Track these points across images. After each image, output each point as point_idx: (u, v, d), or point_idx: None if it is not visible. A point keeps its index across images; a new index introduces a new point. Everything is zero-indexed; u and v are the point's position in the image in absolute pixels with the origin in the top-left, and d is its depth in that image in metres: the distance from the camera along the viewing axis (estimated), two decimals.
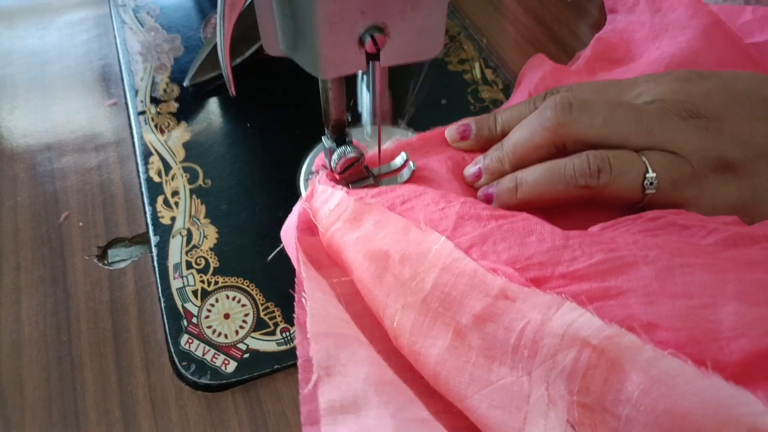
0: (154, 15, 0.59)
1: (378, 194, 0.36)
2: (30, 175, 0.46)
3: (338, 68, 0.31)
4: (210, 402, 0.35)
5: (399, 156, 0.41)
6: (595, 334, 0.26)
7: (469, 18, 0.60)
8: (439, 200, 0.34)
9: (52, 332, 0.37)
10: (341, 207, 0.35)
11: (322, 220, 0.36)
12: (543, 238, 0.31)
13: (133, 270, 0.40)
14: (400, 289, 0.31)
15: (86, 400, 0.35)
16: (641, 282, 0.28)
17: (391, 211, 0.34)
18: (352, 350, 0.30)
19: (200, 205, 0.43)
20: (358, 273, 0.33)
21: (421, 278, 0.31)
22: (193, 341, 0.36)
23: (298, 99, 0.51)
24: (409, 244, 0.32)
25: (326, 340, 0.29)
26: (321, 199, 0.37)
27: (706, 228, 0.33)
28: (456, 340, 0.30)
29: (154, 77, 0.52)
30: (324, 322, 0.30)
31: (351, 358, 0.29)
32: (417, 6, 0.29)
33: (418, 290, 0.31)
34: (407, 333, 0.31)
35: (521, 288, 0.29)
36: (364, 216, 0.34)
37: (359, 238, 0.33)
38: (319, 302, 0.32)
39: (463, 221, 0.33)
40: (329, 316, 0.31)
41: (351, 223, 0.34)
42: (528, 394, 0.27)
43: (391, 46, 0.30)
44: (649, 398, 0.24)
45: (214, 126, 0.49)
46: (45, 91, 0.52)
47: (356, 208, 0.35)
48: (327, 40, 0.29)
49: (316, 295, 0.32)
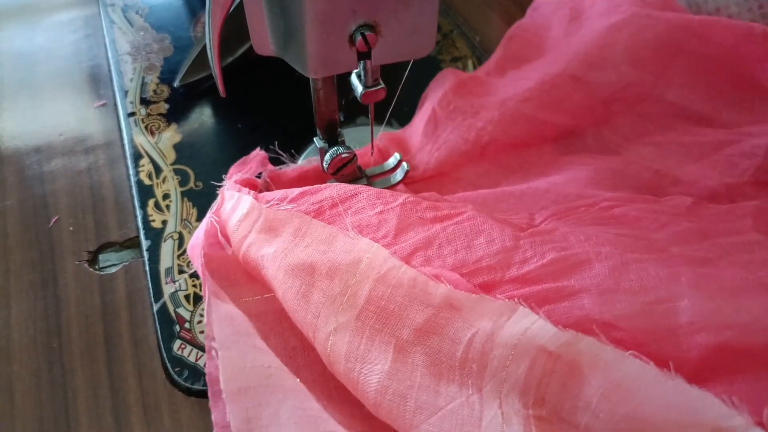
0: (143, 14, 0.58)
1: (301, 197, 0.32)
2: (19, 178, 0.45)
3: (329, 67, 0.30)
4: (203, 408, 0.34)
5: (392, 156, 0.41)
6: (553, 341, 0.24)
7: (462, 15, 0.60)
8: (375, 202, 0.31)
9: (43, 337, 0.37)
10: (252, 216, 0.32)
11: (233, 233, 0.32)
12: (492, 239, 0.29)
13: (125, 274, 0.40)
14: (330, 307, 0.28)
15: (78, 406, 0.34)
16: (595, 280, 0.27)
17: (319, 216, 0.31)
18: (275, 407, 0.26)
19: (192, 208, 0.43)
20: (282, 293, 0.30)
21: (353, 292, 0.28)
22: (186, 346, 0.36)
23: (289, 99, 0.50)
24: (336, 254, 0.29)
25: (244, 398, 0.26)
26: (229, 206, 0.34)
27: (658, 221, 0.33)
28: (398, 360, 0.27)
29: (144, 78, 0.52)
30: (240, 376, 0.27)
31: (274, 419, 0.26)
32: (409, 4, 0.29)
33: (351, 306, 0.28)
34: (342, 359, 0.28)
35: (468, 295, 0.27)
36: (281, 225, 0.31)
37: (277, 251, 0.30)
38: (232, 348, 0.28)
39: (405, 225, 0.30)
40: (245, 366, 0.28)
41: (266, 234, 0.31)
42: (480, 416, 0.25)
43: (382, 44, 0.30)
44: (609, 403, 0.23)
45: (205, 127, 0.48)
46: (33, 92, 0.52)
47: (269, 216, 0.32)
48: (318, 39, 0.28)
49: (227, 336, 0.28)
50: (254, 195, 0.33)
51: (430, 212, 0.31)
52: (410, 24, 0.30)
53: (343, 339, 0.28)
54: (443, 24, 0.58)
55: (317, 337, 0.29)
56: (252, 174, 0.39)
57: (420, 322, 0.27)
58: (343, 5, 0.28)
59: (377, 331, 0.27)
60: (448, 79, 0.46)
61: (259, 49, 0.32)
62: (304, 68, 0.30)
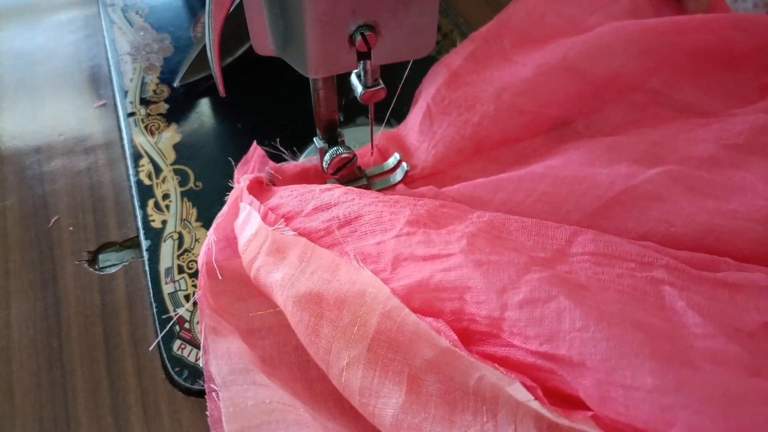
0: (143, 14, 0.58)
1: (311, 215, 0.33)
2: (19, 178, 0.45)
3: (329, 67, 0.30)
4: (203, 408, 0.34)
5: (392, 157, 0.41)
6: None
7: (462, 15, 0.60)
8: (375, 228, 0.31)
9: (43, 337, 0.37)
10: (260, 236, 0.32)
11: (243, 251, 0.33)
12: (479, 302, 0.28)
13: (124, 274, 0.40)
14: (342, 340, 0.28)
15: (77, 406, 0.34)
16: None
17: (328, 235, 0.32)
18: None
19: (191, 208, 0.43)
20: (294, 325, 0.30)
21: (363, 321, 0.28)
22: (186, 346, 0.36)
23: (289, 99, 0.50)
24: (342, 283, 0.29)
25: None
26: (241, 219, 0.34)
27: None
28: (412, 392, 0.27)
29: (144, 78, 0.52)
30: (242, 415, 0.27)
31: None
32: (409, 4, 0.29)
33: (362, 336, 0.28)
34: (357, 394, 0.28)
35: (468, 358, 0.26)
36: (287, 248, 0.31)
37: (284, 278, 0.30)
38: (231, 387, 0.28)
39: (399, 260, 0.30)
40: (246, 405, 0.27)
41: (273, 257, 0.31)
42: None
43: (382, 44, 0.30)
44: None
45: (205, 127, 0.48)
46: (33, 92, 0.52)
47: (276, 238, 0.32)
48: (317, 39, 0.28)
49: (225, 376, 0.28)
50: (263, 211, 0.33)
51: (421, 248, 0.31)
52: (410, 24, 0.30)
53: (356, 374, 0.28)
54: (443, 24, 0.58)
55: (330, 372, 0.29)
56: (255, 171, 0.39)
57: (430, 356, 0.27)
58: (343, 5, 0.28)
59: (390, 360, 0.28)
60: (440, 73, 0.45)
61: (259, 49, 0.32)
62: (304, 68, 0.30)
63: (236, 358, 0.30)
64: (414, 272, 0.29)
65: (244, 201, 0.35)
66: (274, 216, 0.33)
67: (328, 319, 0.29)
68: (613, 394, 0.24)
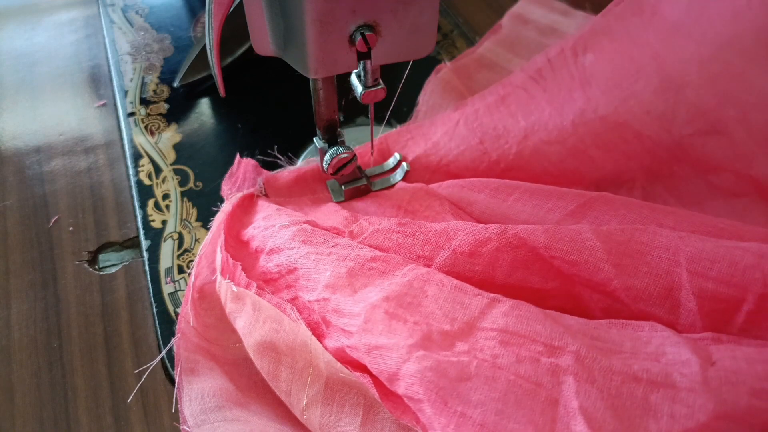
0: (143, 14, 0.58)
1: (270, 254, 0.34)
2: (19, 178, 0.45)
3: (329, 68, 0.30)
4: None
5: (392, 157, 0.41)
6: None
7: (462, 15, 0.60)
8: (307, 284, 0.32)
9: (43, 337, 0.37)
10: (223, 285, 0.34)
11: (217, 288, 0.35)
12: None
13: (124, 274, 0.40)
14: (300, 382, 0.30)
15: (78, 405, 0.34)
16: None
17: (281, 278, 0.33)
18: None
19: (191, 208, 0.43)
20: (258, 369, 0.32)
21: (315, 363, 0.30)
22: None
23: (289, 99, 0.50)
24: (287, 334, 0.31)
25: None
26: (218, 260, 0.35)
27: None
28: (367, 423, 0.29)
29: (144, 78, 0.52)
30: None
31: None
32: (409, 4, 0.29)
33: (317, 376, 0.30)
34: (318, 430, 0.30)
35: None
36: (243, 296, 0.33)
37: (245, 327, 0.32)
38: (202, 426, 0.30)
39: (328, 323, 0.30)
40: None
41: (235, 303, 0.33)
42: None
43: (382, 44, 0.30)
44: None
45: (205, 127, 0.48)
46: (33, 92, 0.52)
47: (232, 288, 0.33)
48: (317, 39, 0.28)
49: (196, 416, 0.30)
50: (223, 257, 0.34)
51: (333, 317, 0.30)
52: (410, 24, 0.30)
53: (315, 413, 0.29)
54: (443, 24, 0.58)
55: (295, 412, 0.30)
56: (243, 183, 0.40)
57: (378, 395, 0.28)
58: (343, 5, 0.28)
59: (346, 394, 0.29)
60: (491, 92, 0.41)
61: (259, 49, 0.32)
62: (304, 68, 0.30)
63: (209, 397, 0.31)
64: (337, 335, 0.30)
65: (219, 243, 0.36)
66: (233, 262, 0.34)
67: (285, 363, 0.31)
68: None
